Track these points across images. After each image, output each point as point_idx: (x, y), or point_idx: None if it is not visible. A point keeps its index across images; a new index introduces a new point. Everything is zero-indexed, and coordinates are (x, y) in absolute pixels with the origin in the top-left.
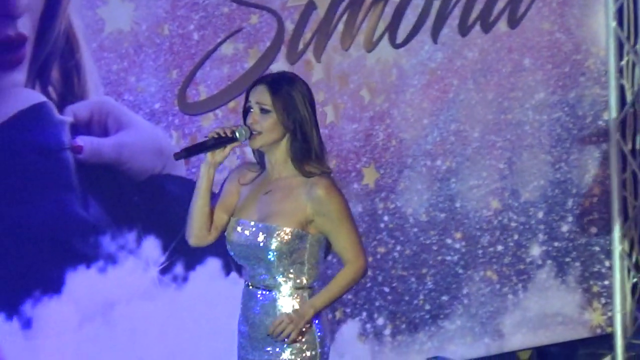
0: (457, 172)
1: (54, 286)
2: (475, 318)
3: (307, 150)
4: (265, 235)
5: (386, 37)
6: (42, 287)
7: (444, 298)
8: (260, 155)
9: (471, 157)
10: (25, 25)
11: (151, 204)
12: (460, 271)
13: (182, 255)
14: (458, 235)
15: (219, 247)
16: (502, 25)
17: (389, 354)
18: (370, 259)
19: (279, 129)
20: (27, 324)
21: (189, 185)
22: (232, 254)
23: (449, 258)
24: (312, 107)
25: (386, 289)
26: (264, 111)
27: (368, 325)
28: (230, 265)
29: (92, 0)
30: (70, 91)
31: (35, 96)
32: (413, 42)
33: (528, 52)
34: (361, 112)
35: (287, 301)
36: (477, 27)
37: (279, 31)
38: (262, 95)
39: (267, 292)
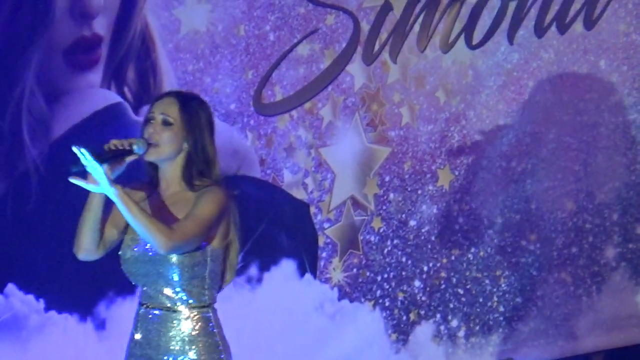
0: (532, 173)
1: (128, 287)
2: (549, 320)
3: (205, 168)
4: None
5: (462, 38)
6: (116, 288)
7: (518, 300)
8: (153, 169)
9: (546, 158)
10: (101, 26)
11: None
12: (535, 273)
13: (256, 257)
14: (533, 237)
15: (293, 249)
16: (578, 27)
17: (463, 355)
18: (444, 260)
19: (176, 144)
20: (101, 325)
21: (264, 186)
22: (128, 272)
23: (523, 260)
24: (212, 131)
25: (460, 291)
26: (166, 123)
27: (442, 327)
28: (304, 267)
29: (169, 1)
30: (146, 92)
31: (111, 97)
32: (489, 43)
33: (604, 54)
34: (437, 114)
35: (187, 323)
36: (553, 29)
37: (355, 32)
38: (169, 107)
39: (167, 312)
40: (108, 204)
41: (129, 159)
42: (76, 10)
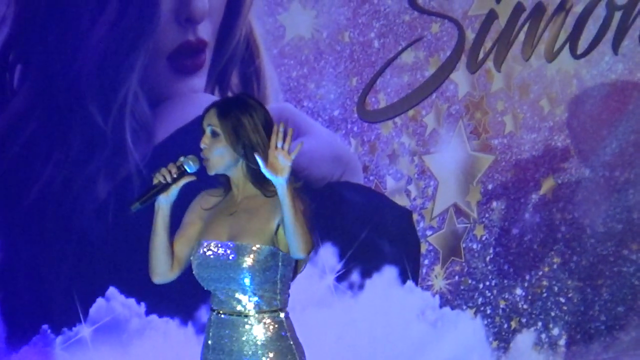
0: (635, 183)
1: None
2: None
3: (262, 173)
4: (236, 253)
5: (567, 47)
6: None
7: (620, 309)
8: (224, 177)
9: None
10: (206, 31)
11: (329, 211)
12: (637, 282)
13: (358, 263)
14: (635, 246)
15: (395, 255)
16: None
17: None
18: (546, 269)
19: (229, 153)
20: (201, 329)
21: (367, 193)
22: (200, 277)
23: (625, 269)
24: (268, 131)
25: (562, 299)
26: (214, 134)
27: (543, 335)
28: (406, 273)
29: (274, 7)
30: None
31: None
32: (594, 53)
33: None
34: (540, 122)
35: (259, 327)
36: None
37: (460, 40)
38: (212, 118)
39: (239, 317)
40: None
41: (186, 179)
42: (181, 15)
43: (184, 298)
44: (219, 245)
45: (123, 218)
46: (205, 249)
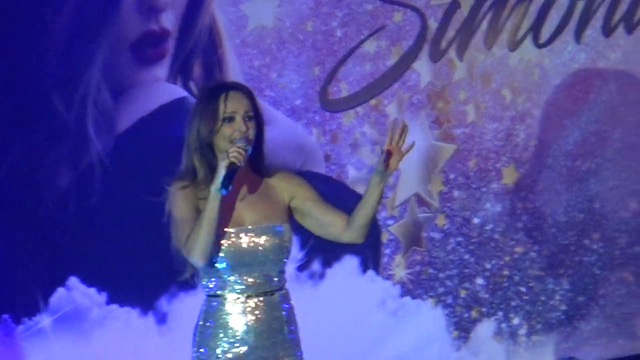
0: (596, 172)
1: (190, 282)
2: (611, 319)
3: (260, 155)
4: (270, 236)
5: (529, 36)
6: (178, 282)
7: (581, 299)
8: (206, 164)
9: (611, 158)
10: (169, 20)
11: None
12: (598, 272)
13: (319, 252)
14: (596, 236)
15: (356, 245)
16: None
17: (524, 353)
18: (507, 258)
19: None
20: (162, 319)
21: (329, 182)
22: (229, 265)
23: (586, 259)
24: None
25: (523, 289)
26: (250, 118)
27: (504, 325)
28: (367, 263)
29: None
30: None
31: (177, 91)
32: (556, 42)
33: None
34: (502, 112)
35: (283, 302)
36: (621, 28)
37: (422, 29)
38: (245, 102)
39: (268, 296)
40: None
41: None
42: (144, 4)
43: (144, 288)
44: (252, 230)
45: (85, 207)
46: (235, 238)
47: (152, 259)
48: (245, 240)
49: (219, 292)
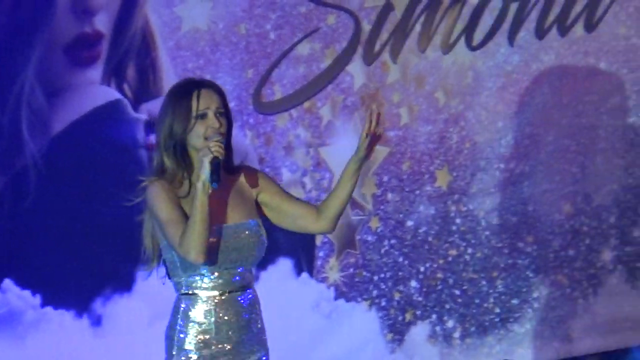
0: (530, 175)
1: (125, 284)
2: (545, 322)
3: (229, 153)
4: (251, 232)
5: (463, 39)
6: (112, 284)
7: (514, 301)
8: (184, 162)
9: (544, 160)
10: (103, 23)
11: None
12: (531, 275)
13: None
14: (529, 238)
15: (290, 247)
16: (578, 29)
17: (458, 356)
18: (441, 261)
19: None
20: (97, 321)
21: None
22: (227, 260)
23: (520, 261)
24: None
25: (457, 292)
26: (222, 114)
27: (438, 328)
28: (301, 265)
29: None
30: (146, 89)
31: (111, 93)
32: (490, 45)
33: (604, 57)
34: (436, 114)
35: (255, 298)
36: (554, 31)
37: (356, 32)
38: (216, 99)
39: (242, 292)
40: None
41: None
42: (78, 6)
43: (79, 290)
44: (235, 227)
45: (19, 209)
46: (220, 235)
47: (87, 261)
48: (230, 237)
49: (195, 290)
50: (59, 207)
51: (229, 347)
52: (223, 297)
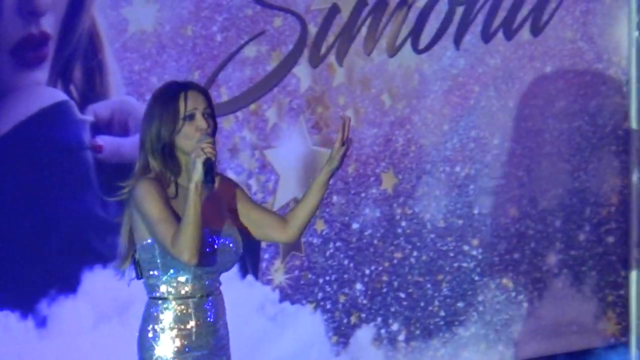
0: (476, 178)
1: (70, 285)
2: (490, 325)
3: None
4: (233, 237)
5: (409, 42)
6: (58, 286)
7: (460, 305)
8: (172, 162)
9: (490, 164)
10: (49, 24)
11: None
12: (477, 278)
13: None
14: (475, 242)
15: None
16: (524, 33)
17: (403, 359)
18: (386, 264)
19: None
20: (42, 322)
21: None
22: (208, 268)
23: (465, 265)
24: None
25: (402, 295)
26: (209, 116)
27: (383, 331)
28: (246, 268)
29: (117, 1)
30: (92, 90)
31: (57, 95)
32: (435, 48)
33: (550, 60)
34: (382, 117)
35: (224, 299)
36: (500, 34)
37: (302, 34)
38: (202, 100)
39: (218, 295)
40: None
41: None
42: (24, 7)
43: (24, 291)
44: (219, 232)
45: None
46: (209, 240)
47: (32, 262)
48: (217, 242)
49: (172, 293)
50: (4, 207)
51: (206, 351)
52: (201, 300)
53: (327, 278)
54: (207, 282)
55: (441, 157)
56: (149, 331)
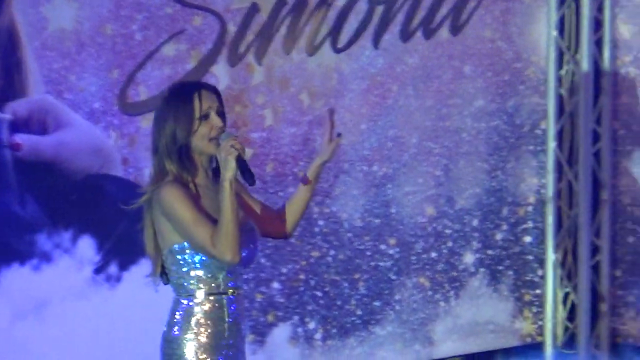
0: (393, 178)
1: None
2: (407, 324)
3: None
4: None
5: (328, 41)
6: None
7: (376, 304)
8: (188, 159)
9: (408, 163)
10: None
11: (88, 204)
12: (393, 277)
13: (116, 256)
14: (392, 241)
15: None
16: (443, 32)
17: (319, 358)
18: (303, 262)
19: None
20: None
21: (126, 185)
22: (238, 266)
23: (382, 264)
24: None
25: (319, 294)
26: (222, 114)
27: (299, 329)
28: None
29: None
30: (11, 88)
31: None
32: (354, 47)
33: (469, 60)
34: (300, 116)
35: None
36: (419, 34)
37: (221, 33)
38: (215, 99)
39: (241, 292)
40: None
41: None
42: None
43: None
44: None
45: None
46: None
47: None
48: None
49: (204, 293)
50: None
51: (234, 350)
52: (230, 298)
53: (244, 277)
54: (234, 281)
55: (359, 157)
56: (179, 330)
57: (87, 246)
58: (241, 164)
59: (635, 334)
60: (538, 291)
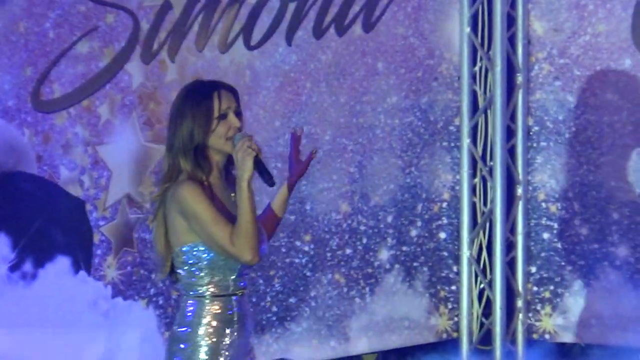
0: (307, 174)
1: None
2: (322, 321)
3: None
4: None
5: (241, 38)
6: None
7: (292, 300)
8: (204, 159)
9: (322, 160)
10: None
11: (2, 201)
12: (308, 274)
13: (31, 252)
14: (307, 237)
15: (68, 245)
16: (356, 29)
17: None
18: None
19: None
20: None
21: (40, 183)
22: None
23: (297, 260)
24: None
25: None
26: (239, 114)
27: None
28: (79, 263)
29: None
30: None
31: None
32: (267, 44)
33: (382, 56)
34: None
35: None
36: (332, 30)
37: (134, 31)
38: (232, 99)
39: (244, 294)
40: None
41: None
42: None
43: None
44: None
45: None
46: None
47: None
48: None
49: (215, 292)
50: None
51: (243, 348)
52: (240, 298)
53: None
54: (243, 282)
55: (273, 153)
56: (189, 329)
57: (1, 244)
58: (259, 164)
59: (551, 330)
60: (453, 287)
